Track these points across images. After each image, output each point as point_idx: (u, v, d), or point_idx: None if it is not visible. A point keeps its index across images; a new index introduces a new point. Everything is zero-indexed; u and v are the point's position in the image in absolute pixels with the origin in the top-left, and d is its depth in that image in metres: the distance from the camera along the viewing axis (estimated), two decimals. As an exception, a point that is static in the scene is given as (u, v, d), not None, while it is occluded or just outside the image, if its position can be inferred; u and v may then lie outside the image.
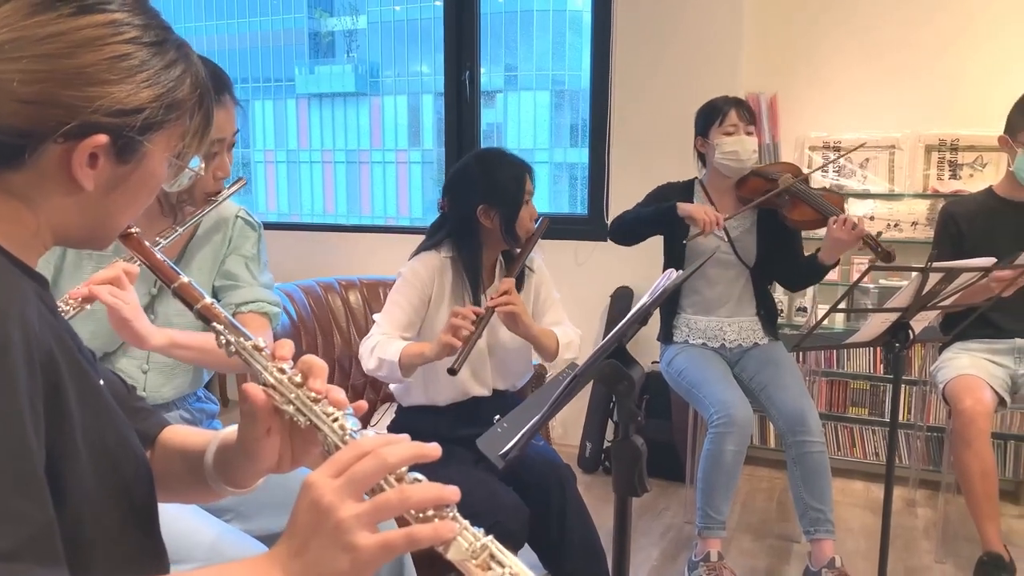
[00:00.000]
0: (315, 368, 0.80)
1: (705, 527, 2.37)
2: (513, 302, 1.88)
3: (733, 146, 2.46)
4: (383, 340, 1.91)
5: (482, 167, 1.98)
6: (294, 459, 0.85)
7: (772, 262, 2.57)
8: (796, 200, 2.45)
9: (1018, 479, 3.02)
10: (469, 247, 1.99)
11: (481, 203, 1.94)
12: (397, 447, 0.69)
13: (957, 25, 3.11)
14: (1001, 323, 2.50)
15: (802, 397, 2.39)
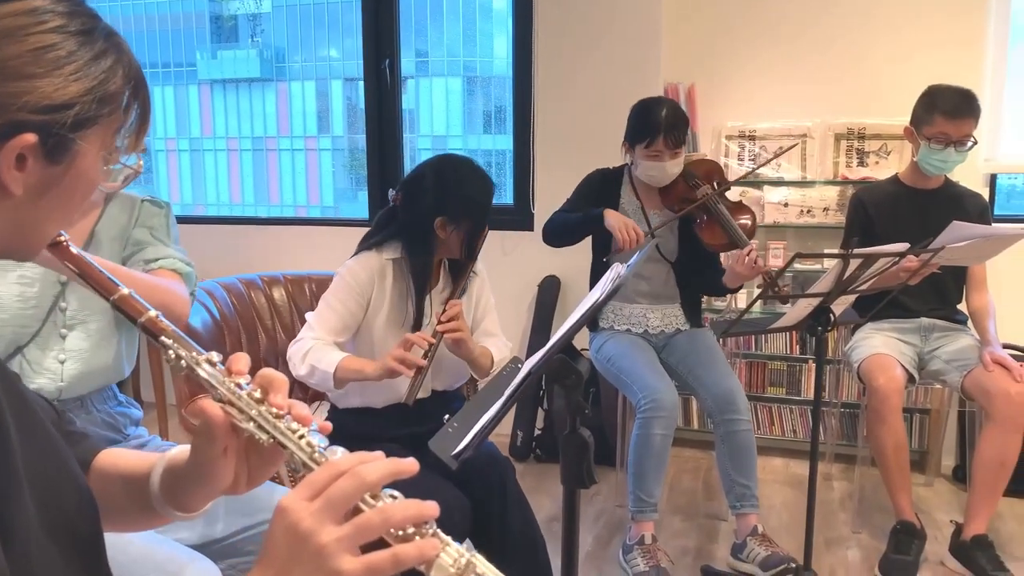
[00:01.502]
0: (275, 382, 0.75)
1: (638, 510, 2.42)
2: (460, 328, 1.85)
3: (653, 171, 2.50)
4: (317, 345, 1.85)
5: (448, 179, 1.89)
6: (251, 479, 0.81)
7: (689, 263, 2.62)
8: (712, 221, 2.48)
9: (923, 450, 3.20)
10: (421, 254, 1.91)
11: (442, 215, 1.87)
12: (374, 465, 0.66)
13: (862, 19, 3.25)
14: (908, 304, 2.64)
15: (729, 378, 2.46)
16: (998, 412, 2.33)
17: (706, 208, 2.49)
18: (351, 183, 7.38)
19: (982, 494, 2.38)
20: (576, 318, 1.23)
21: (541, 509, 2.80)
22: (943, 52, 3.11)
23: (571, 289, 3.48)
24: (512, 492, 1.90)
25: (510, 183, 3.68)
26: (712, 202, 2.48)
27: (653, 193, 2.60)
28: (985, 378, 2.37)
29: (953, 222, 2.23)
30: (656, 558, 2.35)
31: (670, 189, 2.58)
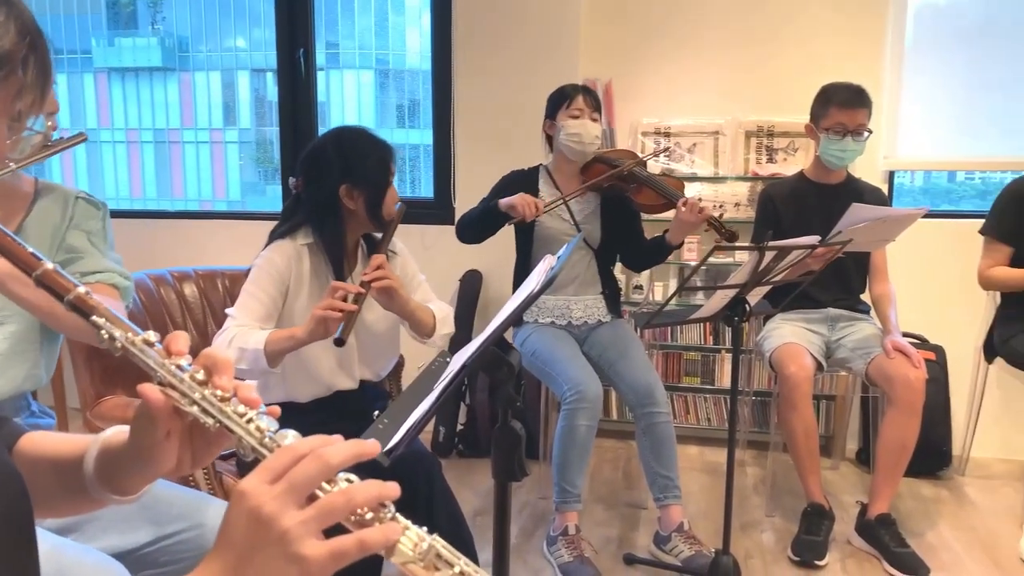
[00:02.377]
0: (219, 363, 0.71)
1: (562, 501, 2.43)
2: (389, 276, 1.82)
3: (577, 128, 2.53)
4: (241, 331, 1.79)
5: (346, 146, 1.90)
6: (195, 461, 0.77)
7: (617, 244, 2.67)
8: (641, 185, 2.56)
9: (829, 435, 3.35)
10: (331, 229, 1.90)
11: (344, 182, 1.86)
12: (337, 448, 0.63)
13: (771, 22, 3.37)
14: (816, 295, 2.75)
15: (649, 371, 2.51)
16: (899, 397, 2.45)
17: (633, 175, 2.55)
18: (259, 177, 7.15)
19: (885, 475, 2.50)
20: (511, 310, 1.22)
21: (465, 504, 2.77)
22: (846, 56, 3.25)
23: (493, 283, 3.47)
24: (439, 488, 1.88)
25: (429, 177, 3.64)
26: (638, 169, 2.55)
27: (574, 179, 2.63)
28: (887, 365, 2.49)
29: (853, 204, 2.34)
30: (580, 548, 2.37)
31: (591, 170, 2.62)
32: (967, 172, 3.99)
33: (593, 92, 2.61)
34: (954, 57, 3.28)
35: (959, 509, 2.86)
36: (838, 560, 2.45)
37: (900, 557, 2.36)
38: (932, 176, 3.88)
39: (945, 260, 3.25)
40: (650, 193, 2.56)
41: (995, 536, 2.63)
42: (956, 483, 3.09)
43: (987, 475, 3.17)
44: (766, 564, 2.44)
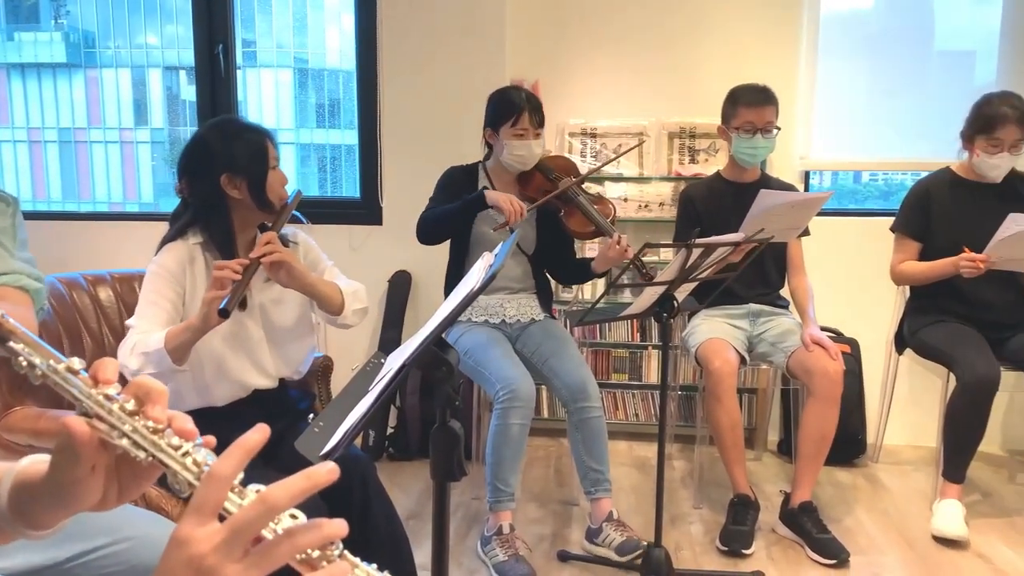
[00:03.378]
0: (152, 392, 0.67)
1: (496, 501, 2.43)
2: (279, 250, 1.77)
3: (521, 150, 2.54)
4: (142, 337, 1.73)
5: (218, 135, 1.85)
6: (121, 495, 0.72)
7: (548, 254, 2.69)
8: (574, 209, 2.55)
9: (752, 427, 3.45)
10: (219, 222, 1.85)
11: (224, 172, 1.81)
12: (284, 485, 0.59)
13: (692, 26, 3.45)
14: (738, 291, 2.83)
15: (582, 367, 2.53)
16: (818, 388, 2.54)
17: (568, 198, 2.55)
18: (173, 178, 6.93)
19: (806, 464, 2.59)
20: (450, 308, 1.21)
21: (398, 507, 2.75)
22: (763, 61, 3.36)
23: (423, 284, 3.45)
24: (374, 490, 1.85)
25: (355, 177, 3.59)
26: (573, 192, 2.55)
27: (511, 187, 2.63)
28: (806, 358, 2.59)
29: (761, 191, 2.42)
30: (514, 547, 2.37)
31: (529, 181, 2.62)
32: (871, 173, 4.18)
33: (539, 106, 2.56)
34: (860, 64, 3.44)
35: (874, 494, 2.99)
36: (764, 548, 2.53)
37: (822, 543, 2.45)
38: (839, 178, 4.05)
39: (856, 256, 3.40)
40: (582, 220, 2.55)
41: (907, 518, 2.76)
42: (871, 470, 3.24)
43: (899, 461, 3.33)
44: (696, 555, 2.49)
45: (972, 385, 2.54)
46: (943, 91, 3.39)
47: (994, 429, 3.41)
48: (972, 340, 2.68)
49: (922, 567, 2.42)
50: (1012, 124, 2.62)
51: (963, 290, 2.76)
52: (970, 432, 2.61)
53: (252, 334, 1.89)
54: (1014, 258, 2.57)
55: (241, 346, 1.88)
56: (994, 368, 2.57)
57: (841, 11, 3.45)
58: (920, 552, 2.51)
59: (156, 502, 1.72)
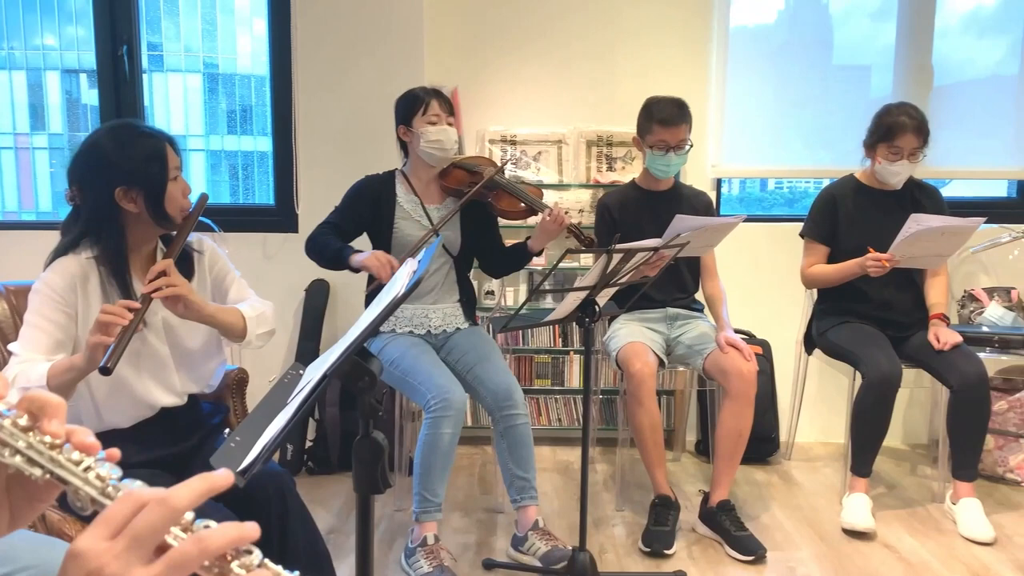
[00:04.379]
0: (48, 406, 0.63)
1: (423, 511, 2.40)
2: (174, 283, 1.66)
3: (438, 135, 2.52)
4: (24, 368, 1.59)
5: (113, 143, 1.71)
6: (13, 521, 0.67)
7: (476, 250, 2.68)
8: (503, 192, 2.57)
9: (671, 428, 3.52)
10: (111, 238, 1.72)
11: (119, 184, 1.69)
12: (183, 488, 0.57)
13: (608, 37, 3.52)
14: (655, 296, 2.88)
15: (507, 374, 2.53)
16: (734, 389, 2.61)
17: (495, 183, 2.55)
18: (67, 186, 6.61)
19: (724, 464, 2.66)
20: (373, 316, 1.18)
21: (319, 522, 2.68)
22: (675, 73, 3.45)
23: (341, 293, 3.38)
24: (294, 505, 1.79)
25: (269, 184, 3.49)
26: (499, 176, 2.55)
27: (432, 185, 2.62)
28: (722, 359, 2.66)
29: (676, 216, 2.48)
30: (439, 558, 2.35)
31: (450, 177, 2.61)
32: (777, 181, 4.34)
33: (445, 96, 2.60)
34: (767, 77, 3.57)
35: (788, 491, 3.09)
36: (685, 548, 2.58)
37: (740, 540, 2.52)
38: (747, 186, 4.19)
39: (766, 261, 3.53)
40: (511, 200, 2.58)
41: (818, 512, 2.86)
42: (784, 467, 3.35)
43: (809, 458, 3.45)
44: (619, 557, 2.52)
45: (876, 382, 2.66)
46: (842, 103, 3.55)
47: (896, 424, 3.58)
48: (875, 339, 2.81)
49: (833, 559, 2.51)
50: (910, 133, 2.76)
51: (866, 292, 2.89)
52: (875, 427, 2.73)
53: (157, 351, 1.79)
54: (916, 256, 2.71)
55: (145, 365, 1.77)
56: (896, 366, 2.70)
57: (748, 26, 3.58)
58: (831, 545, 2.61)
59: (58, 527, 1.62)
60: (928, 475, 3.26)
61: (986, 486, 3.06)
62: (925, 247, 2.67)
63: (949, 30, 3.59)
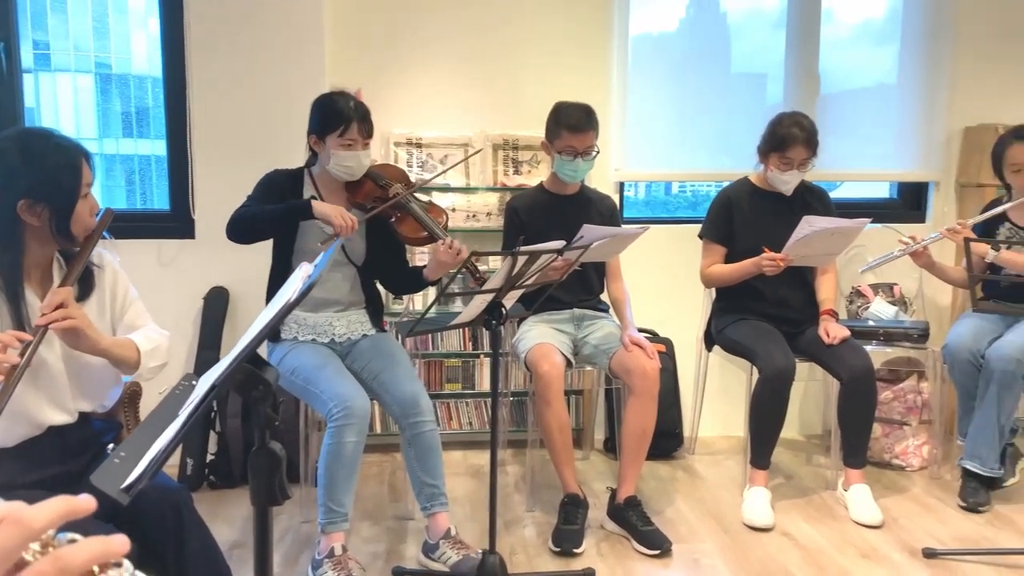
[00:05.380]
0: None
1: (329, 522, 2.35)
2: (72, 315, 1.59)
3: (349, 161, 2.47)
4: None
5: (24, 153, 1.62)
6: None
7: (378, 265, 2.63)
8: (406, 215, 2.51)
9: (579, 428, 3.57)
10: (6, 252, 1.64)
11: (24, 197, 1.61)
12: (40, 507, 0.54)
13: (511, 41, 3.54)
14: (562, 297, 2.92)
15: (413, 381, 2.50)
16: (637, 387, 2.67)
17: (401, 205, 2.50)
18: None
19: (630, 460, 2.71)
20: (264, 322, 1.15)
21: (220, 537, 2.58)
22: (578, 79, 3.50)
23: (242, 300, 3.28)
24: (190, 520, 1.72)
25: (164, 189, 3.36)
26: (406, 199, 2.51)
27: (339, 194, 2.56)
28: (626, 358, 2.71)
29: (584, 226, 2.53)
30: (347, 568, 2.31)
31: (359, 188, 2.55)
32: (680, 185, 4.47)
33: (367, 114, 2.48)
34: (669, 83, 3.68)
35: (692, 485, 3.18)
36: (594, 545, 2.62)
37: (646, 535, 2.57)
38: (652, 189, 4.30)
39: (669, 262, 3.62)
40: (414, 225, 2.51)
41: (721, 504, 2.96)
42: (688, 461, 3.45)
43: (712, 451, 3.56)
44: (530, 558, 2.54)
45: (772, 377, 2.78)
46: (740, 109, 3.69)
47: (792, 416, 3.74)
48: (771, 335, 2.92)
49: (735, 550, 2.60)
50: (801, 145, 2.88)
51: (762, 291, 3.01)
52: (772, 420, 2.84)
53: (51, 366, 1.70)
54: (808, 255, 2.84)
55: (35, 379, 1.67)
56: (790, 360, 2.82)
57: (651, 33, 3.68)
58: (733, 536, 2.70)
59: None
60: (823, 464, 3.41)
61: (874, 472, 3.23)
62: (816, 247, 2.80)
63: (835, 42, 3.78)
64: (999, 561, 2.47)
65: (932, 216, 3.84)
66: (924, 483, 3.17)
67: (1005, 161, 2.95)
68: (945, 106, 3.73)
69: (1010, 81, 3.74)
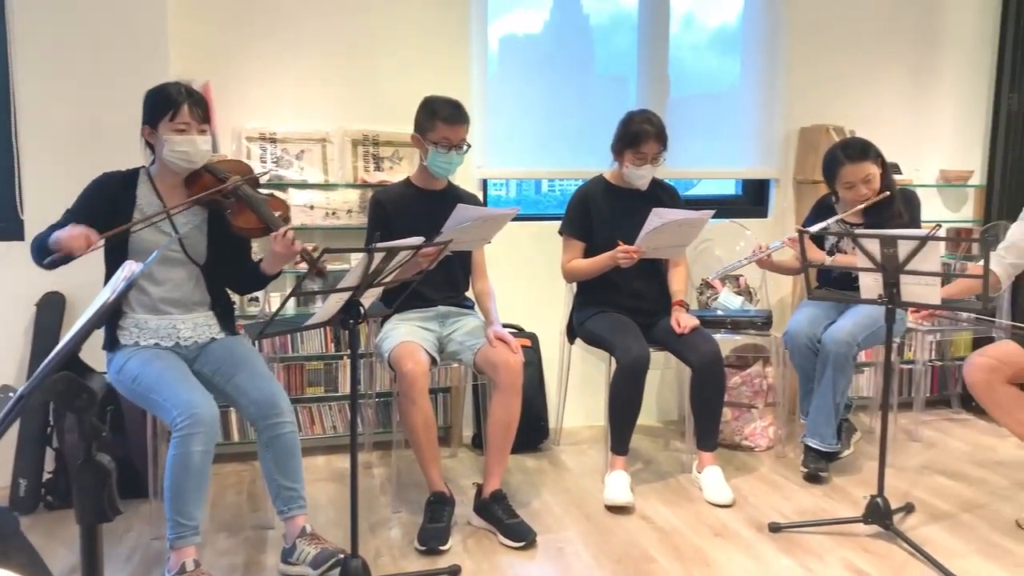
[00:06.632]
0: None
1: (177, 537, 2.23)
2: None
3: (184, 146, 2.33)
4: None
5: None
6: None
7: (221, 263, 2.51)
8: (243, 206, 2.39)
9: (447, 425, 3.57)
10: None
11: None
12: None
13: (371, 36, 3.48)
14: (426, 294, 2.90)
15: (271, 382, 2.41)
16: (502, 381, 2.70)
17: (236, 193, 2.38)
18: None
19: (495, 454, 2.73)
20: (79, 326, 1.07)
21: (59, 562, 2.41)
22: (438, 76, 3.49)
23: (80, 307, 3.04)
24: (17, 546, 1.58)
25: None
26: (243, 189, 2.39)
27: (177, 191, 2.42)
28: (491, 353, 2.73)
29: (458, 205, 2.54)
30: (201, 583, 2.20)
31: (197, 181, 2.41)
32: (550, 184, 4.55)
33: (201, 99, 2.38)
34: (534, 83, 3.74)
35: (557, 475, 3.25)
36: (460, 541, 2.61)
37: (511, 528, 2.60)
38: (523, 189, 4.35)
39: (534, 258, 3.68)
40: (250, 216, 2.39)
41: (585, 493, 3.03)
42: (554, 452, 3.51)
43: (576, 441, 3.65)
44: (395, 559, 2.50)
45: (628, 366, 2.87)
46: (604, 109, 3.76)
47: (650, 404, 3.90)
48: (627, 327, 3.03)
49: (598, 536, 2.67)
50: (653, 140, 3.01)
51: (618, 284, 3.11)
52: (629, 407, 2.95)
53: None
54: (659, 247, 2.96)
55: None
56: (645, 350, 2.92)
57: (516, 34, 3.74)
58: (596, 523, 2.77)
59: None
60: (679, 448, 3.57)
61: (726, 454, 3.42)
62: (667, 239, 2.92)
63: (691, 47, 3.97)
64: (836, 530, 2.67)
65: (773, 210, 4.09)
66: (771, 462, 3.37)
67: (839, 179, 3.11)
68: (783, 108, 3.99)
69: (837, 86, 4.05)
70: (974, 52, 4.15)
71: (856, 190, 3.06)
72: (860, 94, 4.08)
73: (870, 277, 2.50)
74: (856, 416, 3.65)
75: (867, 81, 4.10)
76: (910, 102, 4.17)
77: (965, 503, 2.93)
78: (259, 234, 2.44)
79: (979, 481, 3.15)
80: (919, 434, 3.70)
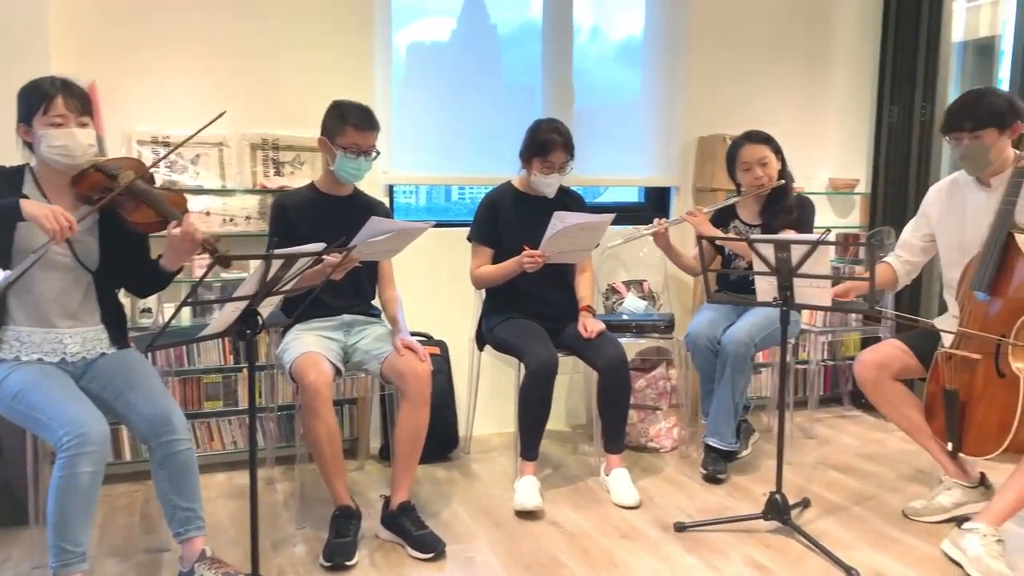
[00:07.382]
0: None
1: (62, 564, 2.08)
2: None
3: (61, 139, 2.19)
4: None
5: None
6: None
7: (116, 267, 2.37)
8: (138, 201, 2.27)
9: (354, 437, 3.49)
10: None
11: None
12: None
13: (270, 40, 3.38)
14: (331, 302, 2.83)
15: (164, 397, 2.29)
16: (410, 390, 2.65)
17: (131, 190, 2.25)
18: None
19: (403, 465, 2.69)
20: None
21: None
22: (340, 77, 3.42)
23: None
24: None
25: None
26: (137, 185, 2.26)
27: (65, 190, 2.27)
28: (398, 362, 2.68)
29: (371, 218, 2.48)
30: (88, 613, 2.06)
31: (85, 179, 2.26)
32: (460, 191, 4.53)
33: (79, 90, 2.25)
34: (441, 91, 3.73)
35: (467, 484, 3.22)
36: (367, 556, 2.55)
37: (419, 539, 2.56)
38: (432, 196, 4.31)
39: (441, 264, 3.65)
40: (147, 210, 2.27)
41: (494, 500, 3.02)
42: (464, 461, 3.49)
43: (486, 449, 3.64)
44: (300, 576, 2.42)
45: (536, 370, 2.88)
46: (512, 117, 3.75)
47: (560, 408, 3.93)
48: (535, 332, 3.04)
49: (507, 543, 2.66)
50: (560, 149, 3.06)
51: (526, 290, 3.12)
52: (538, 412, 2.96)
53: None
54: (564, 251, 2.98)
55: None
56: (553, 355, 2.94)
57: (424, 42, 3.71)
58: (506, 530, 2.76)
59: None
60: (587, 452, 3.61)
61: (633, 456, 3.47)
62: (570, 242, 2.95)
63: (590, 58, 4.03)
64: (738, 527, 2.75)
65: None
66: (675, 462, 3.45)
67: (737, 160, 3.30)
68: (682, 119, 4.12)
69: (734, 98, 4.20)
70: (858, 70, 4.39)
71: (753, 172, 3.24)
72: (755, 107, 4.24)
73: (766, 281, 2.59)
74: (755, 415, 3.78)
75: (761, 95, 4.27)
76: (801, 115, 4.37)
77: (856, 496, 3.07)
78: (157, 228, 2.31)
79: (869, 475, 3.31)
80: (813, 431, 3.87)
